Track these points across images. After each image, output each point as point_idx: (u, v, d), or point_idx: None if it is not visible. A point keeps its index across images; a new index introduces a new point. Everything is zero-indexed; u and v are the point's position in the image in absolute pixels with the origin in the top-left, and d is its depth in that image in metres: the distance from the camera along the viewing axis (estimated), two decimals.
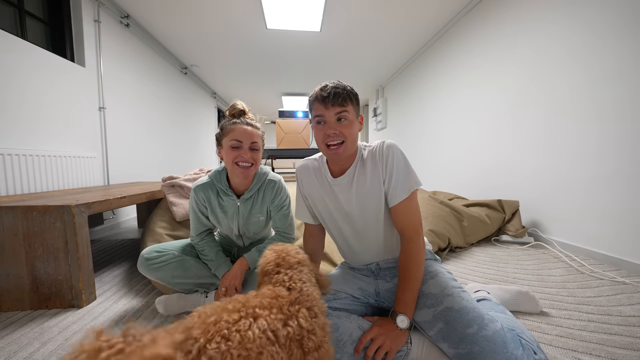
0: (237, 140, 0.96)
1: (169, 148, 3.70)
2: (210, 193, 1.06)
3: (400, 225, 0.84)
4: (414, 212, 0.84)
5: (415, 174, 0.84)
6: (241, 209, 1.07)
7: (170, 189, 1.73)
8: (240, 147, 0.97)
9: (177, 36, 3.19)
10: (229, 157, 0.97)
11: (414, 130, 4.06)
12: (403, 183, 0.82)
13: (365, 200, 0.85)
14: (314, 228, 1.01)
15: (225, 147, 0.98)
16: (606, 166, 1.51)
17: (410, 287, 0.78)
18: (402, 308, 0.78)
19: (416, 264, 0.80)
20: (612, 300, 1.11)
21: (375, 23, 2.94)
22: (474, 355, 0.66)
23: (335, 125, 0.79)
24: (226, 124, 1.00)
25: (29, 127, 1.78)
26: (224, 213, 1.08)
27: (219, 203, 1.07)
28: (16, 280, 1.10)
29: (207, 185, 1.06)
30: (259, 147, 1.02)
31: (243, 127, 0.98)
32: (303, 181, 0.95)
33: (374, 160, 0.85)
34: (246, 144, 0.97)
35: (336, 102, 0.77)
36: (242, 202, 1.06)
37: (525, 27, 2.01)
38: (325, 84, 0.80)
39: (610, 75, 1.47)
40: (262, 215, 1.09)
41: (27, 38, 1.88)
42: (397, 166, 0.82)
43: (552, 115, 1.81)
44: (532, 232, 1.93)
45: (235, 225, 1.10)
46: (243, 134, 0.97)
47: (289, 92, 5.83)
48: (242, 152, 0.97)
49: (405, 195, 0.82)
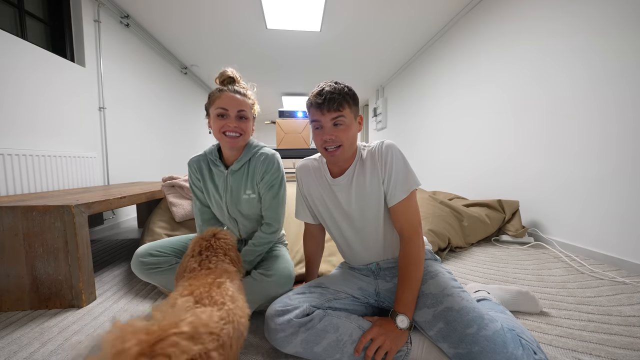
0: (222, 109, 0.91)
1: (169, 148, 3.70)
2: (202, 164, 1.03)
3: (400, 225, 0.84)
4: (413, 212, 0.84)
5: (414, 173, 0.84)
6: (229, 180, 1.01)
7: (170, 189, 1.73)
8: (226, 115, 0.92)
9: (177, 36, 3.19)
10: (215, 127, 0.93)
11: (414, 130, 4.06)
12: (402, 183, 0.82)
13: (364, 200, 0.85)
14: (314, 228, 1.02)
15: (212, 116, 0.94)
16: (606, 166, 1.51)
17: (410, 287, 0.78)
18: (402, 308, 0.77)
19: (415, 264, 0.80)
20: (612, 300, 1.11)
21: (375, 23, 2.94)
22: (474, 355, 0.66)
23: (331, 131, 0.79)
24: (214, 93, 0.95)
25: (28, 127, 1.78)
26: (215, 187, 1.03)
27: (209, 175, 1.03)
28: (16, 280, 1.10)
29: (200, 157, 1.04)
30: (248, 117, 0.96)
31: (230, 94, 0.92)
32: (303, 181, 0.96)
33: (373, 160, 0.85)
34: (232, 113, 0.92)
35: (332, 107, 0.77)
36: (231, 173, 1.00)
37: (526, 26, 2.00)
38: (322, 87, 0.79)
39: (613, 75, 1.47)
40: (252, 192, 1.02)
41: (27, 38, 1.88)
42: (396, 166, 0.82)
43: (553, 115, 1.81)
44: (532, 232, 1.93)
45: (224, 201, 1.03)
46: (230, 101, 0.91)
47: (289, 92, 5.83)
48: (228, 121, 0.92)
49: (404, 195, 0.82)
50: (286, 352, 0.77)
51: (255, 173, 1.01)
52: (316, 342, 0.74)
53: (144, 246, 1.05)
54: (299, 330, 0.75)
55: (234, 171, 1.01)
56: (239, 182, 1.01)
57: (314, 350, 0.74)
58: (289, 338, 0.75)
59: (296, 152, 4.72)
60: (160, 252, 1.04)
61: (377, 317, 0.83)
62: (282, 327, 0.76)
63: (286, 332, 0.75)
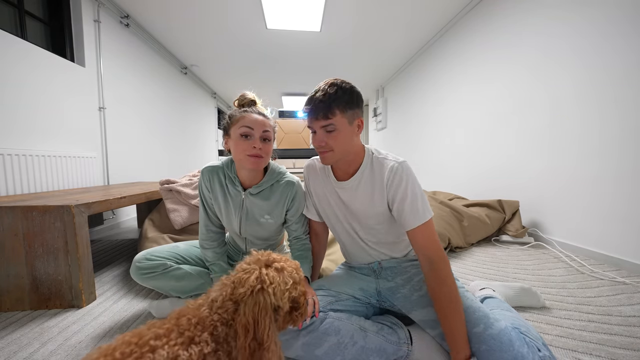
0: (248, 127, 0.88)
1: (169, 148, 3.70)
2: (216, 177, 0.99)
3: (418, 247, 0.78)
4: (432, 237, 0.78)
5: (426, 203, 0.79)
6: (246, 202, 0.97)
7: (168, 193, 1.72)
8: (250, 135, 0.88)
9: (177, 36, 3.19)
10: (239, 148, 0.88)
11: (415, 130, 4.06)
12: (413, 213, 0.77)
13: (367, 208, 0.85)
14: (318, 226, 1.02)
15: (234, 137, 0.89)
16: (607, 167, 1.51)
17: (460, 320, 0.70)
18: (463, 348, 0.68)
19: (449, 300, 0.71)
20: (612, 301, 1.11)
21: (375, 23, 2.94)
22: (481, 354, 0.66)
23: (322, 137, 0.78)
24: (236, 113, 0.91)
25: (28, 127, 1.78)
26: (226, 204, 0.99)
27: (222, 191, 1.00)
28: (16, 280, 1.10)
29: (217, 168, 1.00)
30: (271, 138, 0.93)
31: (254, 115, 0.90)
32: (310, 179, 0.97)
33: (381, 177, 0.81)
34: (257, 133, 0.89)
35: (319, 115, 0.76)
36: (247, 196, 0.97)
37: (527, 26, 2.00)
38: (314, 91, 0.79)
39: (614, 75, 1.47)
40: (270, 217, 0.99)
41: (27, 38, 1.87)
42: (411, 196, 0.77)
43: (554, 116, 1.81)
44: (532, 232, 1.93)
45: (237, 220, 1.00)
46: (255, 121, 0.89)
47: (289, 92, 5.83)
48: (253, 142, 0.88)
49: (418, 223, 0.77)
50: (287, 355, 0.77)
51: (277, 199, 0.98)
52: (317, 345, 0.73)
53: (143, 251, 1.04)
54: (300, 333, 0.74)
55: (252, 194, 0.97)
56: (258, 205, 0.98)
57: (315, 353, 0.73)
58: (289, 342, 0.75)
59: (296, 152, 4.73)
60: (157, 257, 1.02)
61: None
62: None
63: (287, 336, 0.75)
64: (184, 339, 0.44)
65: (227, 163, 1.01)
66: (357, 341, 0.74)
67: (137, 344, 0.41)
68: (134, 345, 0.41)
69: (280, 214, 1.00)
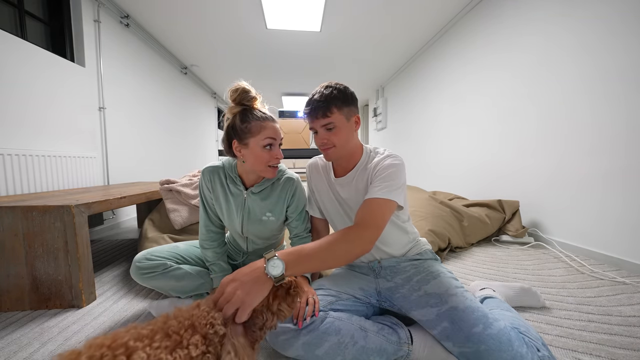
0: (272, 138, 0.88)
1: (169, 148, 3.70)
2: (217, 177, 0.99)
3: (361, 214, 0.77)
4: (379, 211, 0.77)
5: (400, 191, 0.80)
6: (248, 201, 0.98)
7: (168, 193, 1.72)
8: (274, 145, 0.90)
9: (177, 36, 3.19)
10: (261, 159, 0.88)
11: (414, 129, 4.06)
12: (383, 187, 0.79)
13: (360, 201, 0.85)
14: (319, 223, 1.06)
15: (254, 148, 0.87)
16: (607, 166, 1.51)
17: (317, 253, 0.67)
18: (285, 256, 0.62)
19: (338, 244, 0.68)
20: (612, 301, 1.11)
21: (375, 23, 2.94)
22: (481, 354, 0.66)
23: (324, 135, 0.85)
24: (254, 123, 0.87)
25: (28, 127, 1.78)
26: (227, 203, 0.99)
27: (223, 190, 1.00)
28: (16, 280, 1.10)
29: (217, 168, 1.00)
30: None
31: (273, 123, 0.90)
32: (312, 176, 1.03)
33: (372, 169, 0.88)
34: (278, 141, 0.91)
35: (319, 115, 0.83)
36: (249, 195, 0.97)
37: (528, 26, 2.00)
38: (312, 94, 0.85)
39: (615, 76, 1.47)
40: (272, 214, 0.99)
41: (27, 38, 1.88)
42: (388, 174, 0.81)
43: (554, 116, 1.81)
44: (532, 232, 1.93)
45: (239, 220, 1.00)
46: (276, 131, 0.89)
47: (289, 92, 5.83)
48: (276, 153, 0.89)
49: (381, 196, 0.77)
50: (287, 355, 0.77)
51: (278, 197, 0.99)
52: (318, 345, 0.73)
53: (143, 251, 1.04)
54: (300, 333, 0.74)
55: (254, 193, 0.98)
56: (260, 204, 0.99)
57: (315, 353, 0.73)
58: (290, 341, 0.75)
59: (296, 152, 4.74)
60: (157, 257, 1.01)
61: None
62: (283, 330, 0.75)
63: (287, 335, 0.75)
64: (170, 342, 0.42)
65: (228, 163, 1.01)
66: (358, 341, 0.74)
67: (110, 347, 0.38)
68: (105, 348, 0.38)
69: (281, 210, 1.01)
